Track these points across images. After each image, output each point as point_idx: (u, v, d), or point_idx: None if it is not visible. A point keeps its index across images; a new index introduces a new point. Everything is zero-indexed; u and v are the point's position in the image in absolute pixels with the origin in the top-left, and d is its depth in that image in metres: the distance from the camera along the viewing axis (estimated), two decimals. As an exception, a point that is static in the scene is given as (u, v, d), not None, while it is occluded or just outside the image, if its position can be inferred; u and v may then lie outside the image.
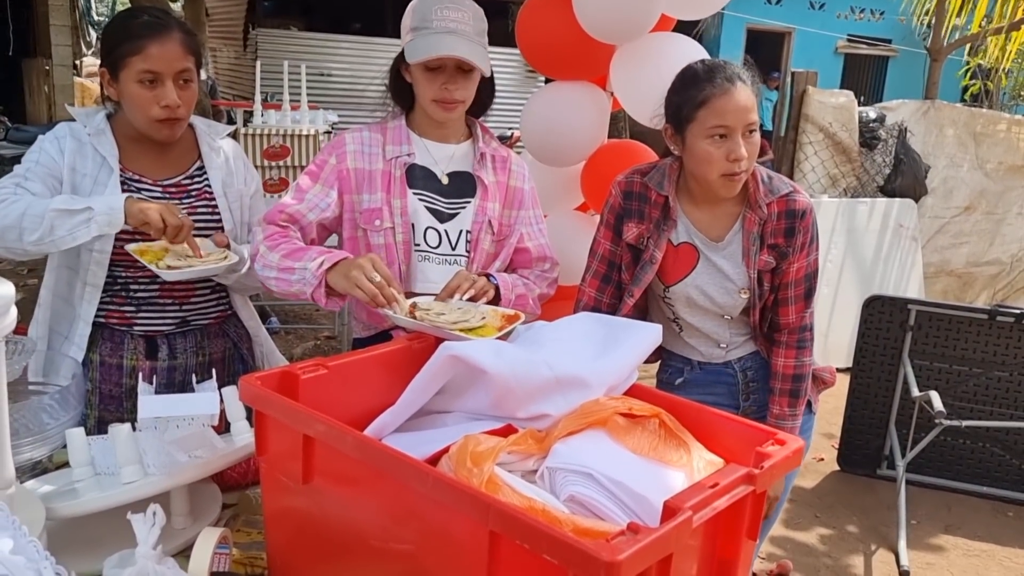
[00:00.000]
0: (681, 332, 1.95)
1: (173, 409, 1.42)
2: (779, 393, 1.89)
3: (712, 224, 1.87)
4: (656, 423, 1.27)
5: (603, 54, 2.63)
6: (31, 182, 1.75)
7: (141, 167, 1.85)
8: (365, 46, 12.80)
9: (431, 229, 1.89)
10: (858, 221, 5.79)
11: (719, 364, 1.96)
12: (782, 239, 1.83)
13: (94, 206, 1.65)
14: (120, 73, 1.76)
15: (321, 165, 1.88)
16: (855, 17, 15.15)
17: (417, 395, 1.30)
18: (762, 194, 1.83)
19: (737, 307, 1.86)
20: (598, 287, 1.97)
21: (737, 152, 1.72)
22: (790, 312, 1.88)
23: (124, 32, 1.76)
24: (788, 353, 1.89)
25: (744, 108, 1.72)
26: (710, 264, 1.85)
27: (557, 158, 2.79)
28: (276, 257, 1.73)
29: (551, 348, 1.36)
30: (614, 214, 1.92)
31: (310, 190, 1.85)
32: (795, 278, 1.86)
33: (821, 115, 5.72)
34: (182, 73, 1.79)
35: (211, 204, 1.91)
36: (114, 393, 1.88)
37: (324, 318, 6.01)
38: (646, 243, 1.87)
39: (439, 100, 1.82)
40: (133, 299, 1.86)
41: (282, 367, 1.33)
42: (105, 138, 1.82)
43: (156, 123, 1.78)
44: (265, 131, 4.70)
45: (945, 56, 6.82)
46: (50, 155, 1.79)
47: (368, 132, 1.91)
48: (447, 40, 1.76)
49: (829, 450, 4.44)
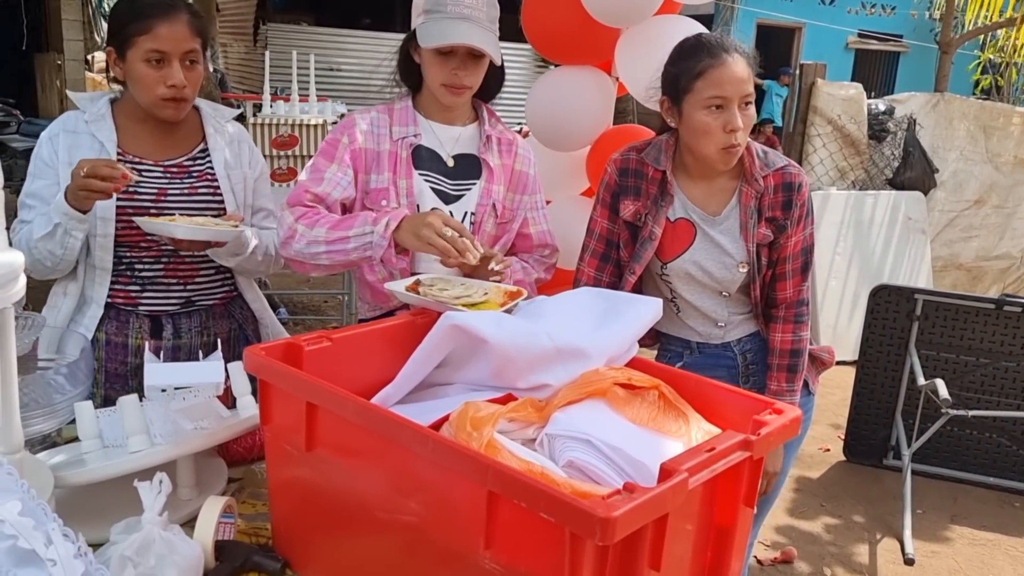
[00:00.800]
0: (679, 313, 1.95)
1: (179, 376, 1.44)
2: (776, 368, 1.90)
3: (709, 199, 1.87)
4: (655, 394, 1.28)
5: (608, 38, 2.64)
6: (30, 210, 1.82)
7: (143, 149, 1.87)
8: (374, 41, 12.85)
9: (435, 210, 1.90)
10: (866, 214, 5.78)
11: (718, 346, 1.97)
12: (780, 212, 1.84)
13: (55, 218, 1.72)
14: (127, 52, 1.78)
15: (334, 144, 1.88)
16: (866, 12, 15.09)
17: (419, 366, 1.31)
18: (758, 167, 1.84)
19: (735, 282, 1.87)
20: (597, 266, 1.97)
21: (733, 122, 1.73)
22: (787, 287, 1.88)
23: (132, 12, 1.78)
24: (786, 328, 1.90)
25: (740, 79, 1.73)
26: (708, 239, 1.86)
27: (562, 143, 2.80)
28: (322, 231, 1.75)
29: (552, 319, 1.37)
30: (610, 192, 1.93)
31: (328, 170, 1.85)
32: (792, 252, 1.87)
33: (830, 107, 5.71)
34: (188, 54, 1.80)
35: (213, 185, 1.92)
36: (120, 371, 1.90)
37: (332, 309, 6.04)
38: (644, 219, 1.88)
39: (448, 85, 1.83)
40: (138, 279, 1.88)
41: (287, 338, 1.35)
42: (104, 124, 1.84)
43: (161, 102, 1.80)
44: (274, 121, 4.72)
45: (955, 49, 6.80)
46: (44, 162, 1.83)
47: (376, 113, 1.92)
48: (461, 27, 1.77)
49: (835, 440, 4.44)
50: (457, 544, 1.03)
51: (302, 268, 1.84)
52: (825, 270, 5.63)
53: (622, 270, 1.95)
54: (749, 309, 1.93)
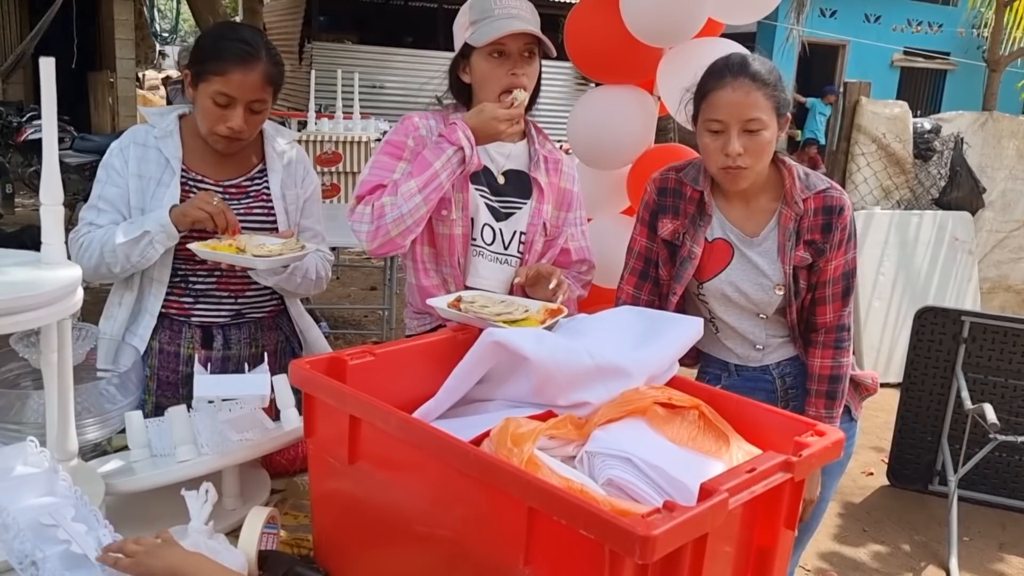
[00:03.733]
0: (717, 333, 1.94)
1: (227, 388, 1.47)
2: (815, 395, 1.87)
3: (747, 219, 1.87)
4: (696, 414, 1.28)
5: (650, 58, 2.65)
6: (101, 214, 1.87)
7: (205, 167, 1.93)
8: (417, 59, 13.00)
9: (487, 226, 1.93)
10: (911, 234, 5.69)
11: (756, 369, 1.95)
12: (819, 235, 1.82)
13: (149, 228, 1.78)
14: (200, 84, 1.84)
15: (400, 146, 1.90)
16: (912, 30, 14.91)
17: (460, 382, 1.33)
18: (798, 190, 1.82)
19: (772, 304, 1.85)
20: (636, 284, 1.97)
21: (728, 147, 1.72)
22: (827, 311, 1.86)
23: (215, 50, 1.83)
24: (825, 353, 1.87)
25: (739, 104, 1.72)
26: (745, 259, 1.85)
27: (604, 161, 2.81)
28: (411, 183, 1.80)
29: (593, 337, 1.38)
30: (649, 211, 1.94)
31: (397, 168, 1.88)
32: (833, 276, 1.85)
33: (874, 126, 5.64)
34: (255, 102, 1.86)
35: (268, 206, 1.97)
36: (171, 379, 1.95)
37: (372, 324, 6.10)
38: (683, 239, 1.88)
39: (507, 87, 1.86)
40: (192, 291, 1.93)
41: (331, 353, 1.37)
42: (171, 140, 1.91)
43: (216, 136, 1.86)
44: (318, 138, 4.81)
45: (1004, 67, 6.69)
46: (116, 170, 1.89)
47: (432, 120, 1.95)
48: (513, 23, 1.82)
49: (879, 464, 4.36)
50: (496, 559, 1.03)
51: (394, 245, 1.83)
52: (869, 291, 5.54)
53: (661, 288, 1.96)
54: (787, 332, 1.92)
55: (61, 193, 1.27)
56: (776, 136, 1.78)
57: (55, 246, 1.26)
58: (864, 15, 14.45)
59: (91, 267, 1.83)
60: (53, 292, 1.17)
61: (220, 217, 1.77)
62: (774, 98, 1.74)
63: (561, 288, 1.79)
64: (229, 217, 1.79)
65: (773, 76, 1.76)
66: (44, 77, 1.19)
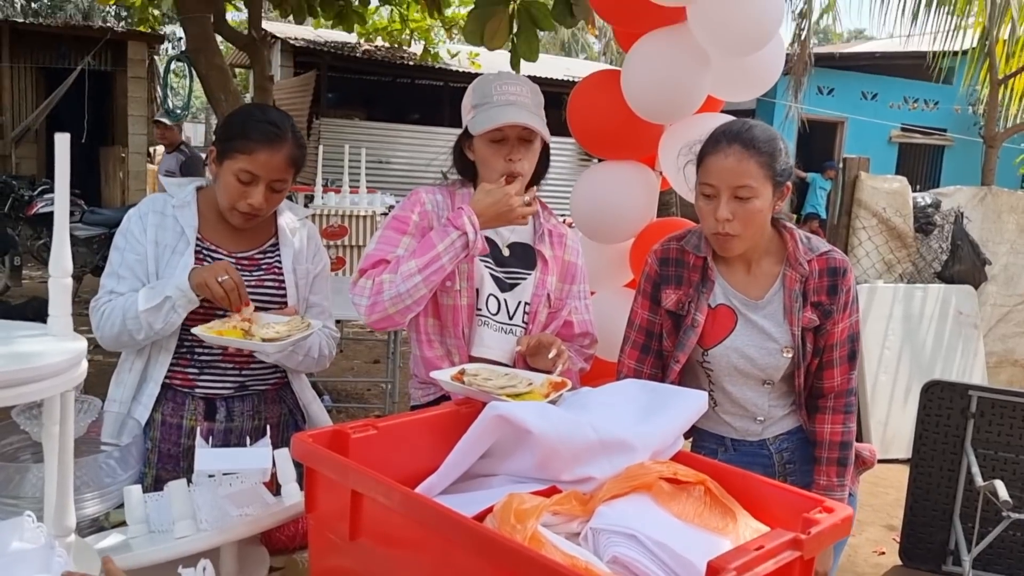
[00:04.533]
0: (716, 407, 1.93)
1: (227, 462, 1.46)
2: (826, 462, 1.85)
3: (750, 284, 1.87)
4: (701, 490, 1.26)
5: (652, 134, 2.70)
6: (122, 281, 1.89)
7: (219, 238, 1.97)
8: (423, 134, 13.26)
9: (492, 296, 1.94)
10: (916, 307, 5.69)
11: (754, 443, 1.93)
12: (825, 296, 1.83)
13: (170, 294, 1.80)
14: (224, 160, 1.89)
15: (406, 220, 1.93)
16: (908, 107, 15.19)
17: (464, 456, 1.31)
18: (802, 252, 1.84)
19: (780, 368, 1.85)
20: (638, 357, 1.97)
21: (718, 212, 1.75)
22: (835, 375, 1.86)
23: (243, 129, 1.88)
24: (835, 419, 1.86)
25: (730, 171, 1.74)
26: (750, 324, 1.85)
27: (607, 235, 2.84)
28: (412, 263, 1.81)
29: (597, 411, 1.37)
30: (651, 282, 1.95)
31: (402, 242, 1.90)
32: (840, 339, 1.85)
33: (874, 200, 5.70)
34: (277, 182, 1.90)
35: (279, 279, 1.99)
36: (172, 452, 1.94)
37: (376, 397, 6.06)
38: (687, 307, 1.88)
39: (507, 174, 1.90)
40: (197, 362, 1.94)
41: (333, 426, 1.37)
42: (188, 210, 1.94)
43: (234, 212, 1.90)
44: (325, 211, 4.87)
45: (1001, 143, 6.79)
46: (135, 237, 1.92)
47: (439, 195, 1.99)
48: (509, 110, 1.86)
49: (890, 543, 4.26)
50: (500, 640, 1.01)
51: (392, 322, 1.84)
52: (875, 365, 5.51)
53: (664, 360, 1.95)
54: (791, 401, 1.90)
55: (70, 265, 1.28)
56: (772, 204, 1.79)
57: (62, 318, 1.26)
58: (861, 93, 14.75)
59: (113, 335, 1.85)
60: (57, 364, 1.16)
61: (234, 294, 1.79)
62: (769, 167, 1.75)
63: (561, 357, 1.79)
64: (241, 293, 1.81)
65: (770, 145, 1.76)
66: (59, 152, 1.22)
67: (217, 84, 4.72)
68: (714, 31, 2.44)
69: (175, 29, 16.91)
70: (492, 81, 1.91)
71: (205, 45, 4.81)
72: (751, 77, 2.71)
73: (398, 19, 9.64)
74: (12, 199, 8.32)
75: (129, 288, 1.88)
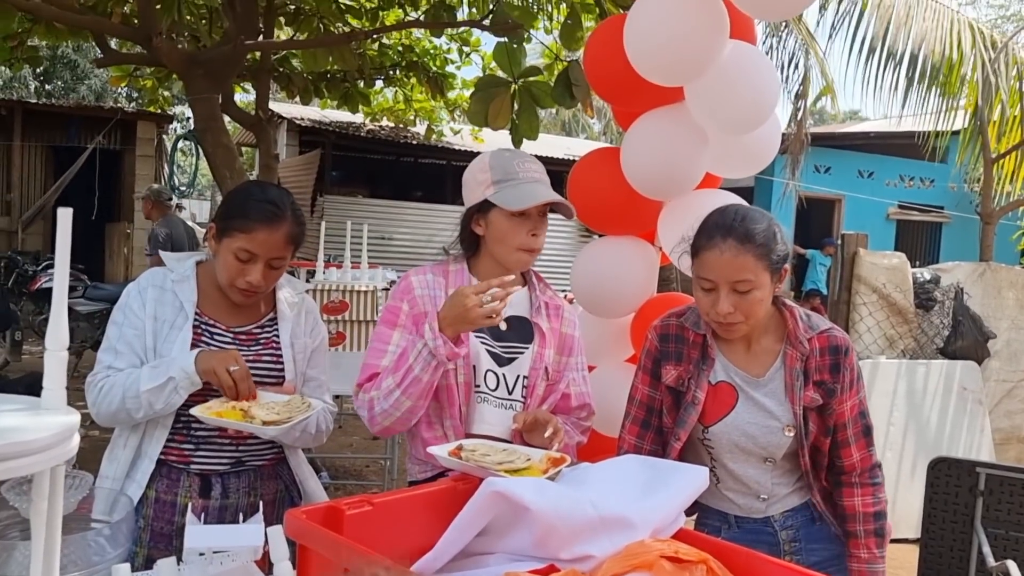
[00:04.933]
0: (719, 483, 1.90)
1: (219, 539, 1.43)
2: (864, 535, 1.83)
3: (751, 361, 1.86)
4: (703, 569, 1.23)
5: (651, 210, 2.73)
6: (119, 357, 1.89)
7: (218, 313, 1.97)
8: (426, 212, 13.42)
9: (490, 372, 1.93)
10: (919, 383, 5.65)
11: (758, 521, 1.90)
12: (828, 375, 1.82)
13: (174, 375, 1.80)
14: (224, 238, 1.90)
15: (395, 312, 1.95)
16: (904, 185, 15.39)
17: (461, 533, 1.29)
18: (802, 330, 1.84)
19: (781, 447, 1.82)
20: (638, 433, 1.96)
21: (719, 307, 1.74)
22: (852, 453, 1.85)
23: (243, 208, 1.90)
24: (864, 491, 1.85)
25: (727, 266, 1.72)
26: (751, 401, 1.83)
27: (607, 310, 2.84)
28: (389, 380, 1.82)
29: (596, 487, 1.35)
30: (651, 358, 1.94)
31: (393, 341, 1.92)
32: (850, 416, 1.84)
33: (874, 276, 5.73)
34: (276, 259, 1.92)
35: (276, 353, 1.99)
36: (165, 531, 1.90)
37: (374, 474, 5.97)
38: (687, 384, 1.87)
39: (527, 249, 1.92)
40: (193, 437, 1.92)
41: (328, 502, 1.34)
42: (187, 285, 1.95)
43: (233, 288, 1.91)
44: (326, 287, 4.89)
45: (997, 220, 6.86)
46: (134, 312, 1.92)
47: (431, 275, 1.99)
48: (539, 188, 1.90)
49: (903, 627, 4.14)
50: None
51: (396, 431, 1.88)
52: (880, 441, 5.44)
53: (665, 436, 1.93)
54: (797, 478, 1.87)
55: (67, 338, 1.28)
56: (772, 290, 1.79)
57: (56, 392, 1.25)
58: (858, 171, 14.96)
59: (110, 412, 1.84)
60: (48, 439, 1.15)
61: (243, 386, 1.79)
62: (766, 257, 1.74)
63: (557, 436, 1.77)
64: (250, 385, 1.81)
65: (765, 235, 1.74)
66: (60, 226, 1.23)
67: (223, 162, 4.81)
68: (712, 110, 2.49)
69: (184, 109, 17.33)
70: (512, 159, 1.93)
71: (212, 124, 4.91)
72: (748, 155, 2.76)
73: (402, 100, 9.87)
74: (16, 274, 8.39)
75: (127, 364, 1.88)
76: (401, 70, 7.36)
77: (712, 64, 2.38)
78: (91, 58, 14.95)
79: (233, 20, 5.10)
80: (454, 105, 9.22)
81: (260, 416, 1.75)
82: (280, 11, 5.96)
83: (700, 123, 2.57)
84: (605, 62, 2.67)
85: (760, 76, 2.46)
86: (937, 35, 7.18)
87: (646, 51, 2.41)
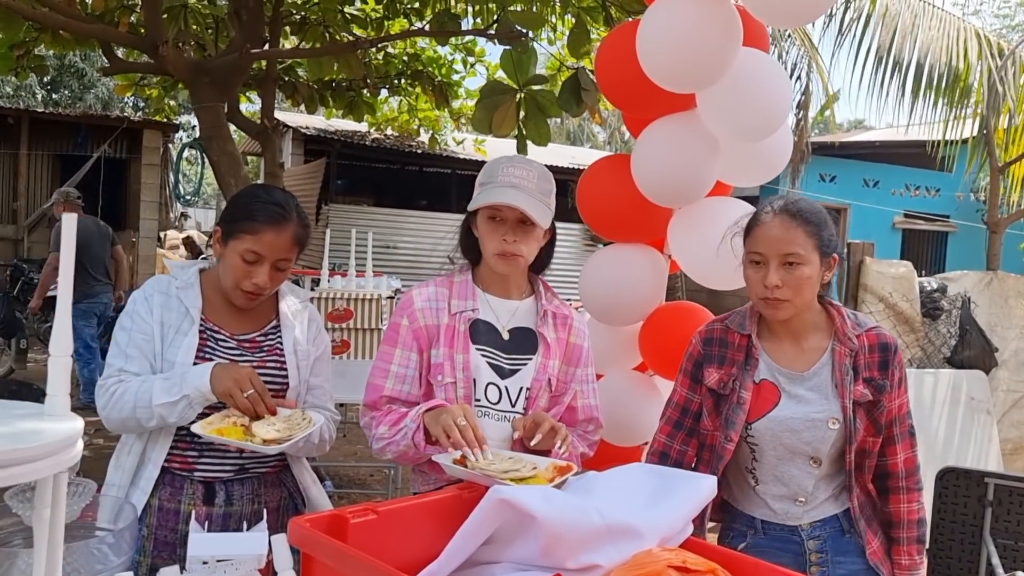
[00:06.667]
0: (756, 485, 1.89)
1: (222, 548, 1.42)
2: (906, 542, 1.86)
3: (796, 358, 1.88)
4: (713, 579, 1.22)
5: (661, 217, 2.72)
6: (130, 360, 1.89)
7: (222, 320, 1.97)
8: (430, 220, 13.42)
9: (492, 385, 1.91)
10: (927, 393, 5.62)
11: (786, 529, 1.88)
12: (877, 372, 1.84)
13: (188, 392, 1.79)
14: (230, 240, 1.91)
15: (396, 329, 1.96)
16: (910, 194, 15.36)
17: (466, 541, 1.27)
18: (850, 327, 1.86)
19: (827, 441, 1.82)
20: (669, 432, 1.99)
21: (768, 279, 1.78)
22: (899, 451, 1.87)
23: (248, 210, 1.91)
24: (910, 497, 1.87)
25: (777, 239, 1.78)
26: (792, 397, 1.85)
27: (615, 318, 2.83)
28: (384, 429, 1.87)
29: (603, 496, 1.34)
30: (692, 362, 1.97)
31: (394, 360, 1.93)
32: (899, 414, 1.87)
33: (880, 285, 5.71)
34: (281, 261, 1.92)
35: (280, 361, 1.99)
36: (168, 539, 1.89)
37: (378, 483, 5.95)
38: (730, 386, 1.88)
39: (499, 253, 1.90)
40: (197, 445, 1.91)
41: (332, 510, 1.33)
42: (192, 291, 1.95)
43: (239, 292, 1.91)
44: (330, 295, 4.88)
45: (1004, 228, 6.83)
46: (141, 317, 1.92)
47: (435, 287, 1.99)
48: (508, 192, 1.87)
49: (911, 639, 4.10)
50: None
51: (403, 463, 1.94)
52: (887, 451, 5.42)
53: (693, 437, 1.96)
54: (839, 484, 1.86)
55: (71, 344, 1.27)
56: (820, 274, 1.82)
57: (60, 397, 1.24)
58: (863, 180, 14.93)
59: (120, 419, 1.84)
60: (52, 445, 1.14)
61: (260, 406, 1.79)
62: (816, 236, 1.80)
63: (559, 434, 1.76)
64: (268, 404, 1.80)
65: (817, 216, 1.82)
66: (65, 231, 1.22)
67: (228, 170, 4.81)
68: (724, 117, 2.48)
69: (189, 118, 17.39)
70: (502, 163, 1.94)
71: (217, 132, 4.92)
72: (760, 163, 2.75)
73: (407, 110, 9.89)
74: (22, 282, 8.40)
75: (138, 367, 1.88)
76: (406, 79, 7.37)
77: (725, 71, 2.37)
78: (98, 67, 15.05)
79: (239, 29, 5.11)
80: (458, 115, 9.24)
81: (261, 434, 1.75)
82: (286, 20, 5.98)
83: (712, 130, 2.56)
84: (617, 68, 2.66)
85: (773, 83, 2.46)
86: (943, 44, 7.16)
87: (659, 57, 2.40)
